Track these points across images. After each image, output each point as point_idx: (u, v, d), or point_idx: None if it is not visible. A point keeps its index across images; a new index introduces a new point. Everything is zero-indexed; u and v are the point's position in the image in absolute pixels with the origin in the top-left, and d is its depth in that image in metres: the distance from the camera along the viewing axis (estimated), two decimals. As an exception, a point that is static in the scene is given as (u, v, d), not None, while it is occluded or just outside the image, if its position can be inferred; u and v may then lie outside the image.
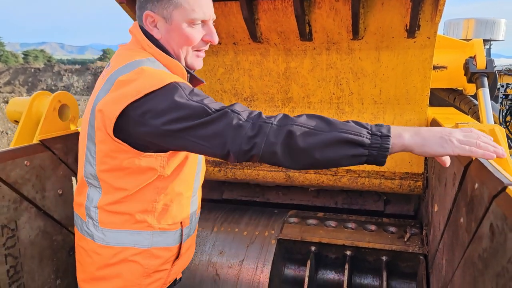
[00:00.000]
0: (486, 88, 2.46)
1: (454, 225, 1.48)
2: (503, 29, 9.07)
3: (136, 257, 1.41)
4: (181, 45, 1.39)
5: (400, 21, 2.04)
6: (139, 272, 1.43)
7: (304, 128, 1.15)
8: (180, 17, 1.35)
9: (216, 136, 1.19)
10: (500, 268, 0.93)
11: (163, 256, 1.47)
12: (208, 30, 1.41)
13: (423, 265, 2.14)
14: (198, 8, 1.35)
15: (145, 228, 1.41)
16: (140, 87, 1.21)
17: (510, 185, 0.97)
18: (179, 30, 1.36)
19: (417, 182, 2.42)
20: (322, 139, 1.13)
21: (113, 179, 1.35)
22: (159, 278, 1.48)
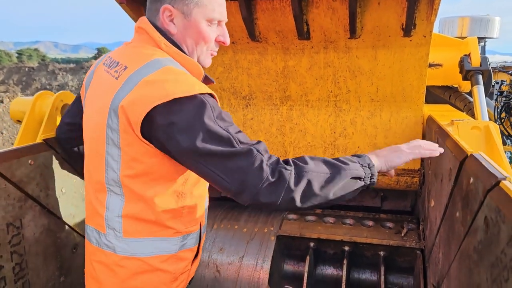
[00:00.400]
0: (481, 85, 2.50)
1: (450, 219, 1.52)
2: (497, 27, 9.14)
3: (163, 264, 1.40)
4: (197, 42, 1.39)
5: (396, 20, 2.07)
6: (167, 278, 1.42)
7: (320, 175, 1.24)
8: (200, 14, 1.35)
9: (237, 172, 1.19)
10: (494, 259, 0.97)
11: (188, 257, 1.49)
12: (222, 31, 1.44)
13: (420, 259, 2.18)
14: (218, 8, 1.37)
15: (172, 234, 1.40)
16: (169, 90, 1.18)
17: (503, 179, 1.01)
18: (197, 27, 1.36)
19: (414, 178, 2.46)
20: (336, 183, 1.25)
21: (137, 185, 1.31)
22: (184, 279, 1.51)
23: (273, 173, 1.19)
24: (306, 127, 2.55)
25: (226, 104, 2.66)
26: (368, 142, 2.48)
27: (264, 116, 2.61)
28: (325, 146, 2.55)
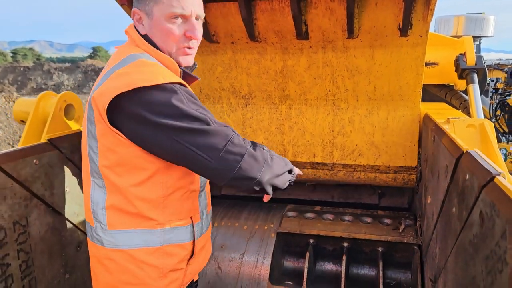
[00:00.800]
0: (476, 83, 2.55)
1: (446, 215, 1.57)
2: (492, 26, 9.22)
3: (149, 258, 1.41)
4: (163, 40, 1.41)
5: (393, 20, 2.11)
6: (155, 274, 1.42)
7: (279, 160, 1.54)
8: (159, 12, 1.37)
9: (217, 148, 1.27)
10: (489, 251, 1.01)
11: (178, 253, 1.47)
12: (190, 26, 1.41)
13: (417, 254, 2.23)
14: (176, 3, 1.36)
15: (155, 226, 1.41)
16: (132, 79, 1.24)
17: (498, 175, 1.05)
18: (160, 25, 1.38)
19: (411, 175, 2.50)
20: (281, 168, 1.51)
21: (115, 176, 1.36)
22: (176, 278, 1.48)
23: (254, 148, 1.29)
24: (305, 125, 2.59)
25: (226, 104, 2.69)
26: (366, 140, 2.52)
27: (263, 115, 2.65)
28: (324, 144, 2.59)
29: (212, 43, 2.45)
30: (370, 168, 2.56)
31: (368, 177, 2.58)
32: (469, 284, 1.20)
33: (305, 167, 2.66)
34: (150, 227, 1.41)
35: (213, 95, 2.67)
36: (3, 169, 1.54)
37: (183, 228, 1.48)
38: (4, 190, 1.55)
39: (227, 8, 2.24)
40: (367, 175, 2.58)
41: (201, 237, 1.58)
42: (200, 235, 1.57)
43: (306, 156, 2.64)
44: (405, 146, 2.47)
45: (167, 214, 1.42)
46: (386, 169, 2.54)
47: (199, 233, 1.56)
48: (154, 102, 1.25)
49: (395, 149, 2.49)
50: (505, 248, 0.90)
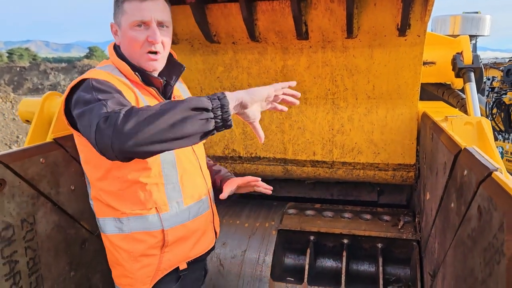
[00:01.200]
0: (473, 82, 2.59)
1: (445, 210, 1.61)
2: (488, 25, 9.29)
3: (121, 243, 1.59)
4: (129, 46, 1.55)
5: (391, 20, 2.15)
6: (127, 257, 1.59)
7: (150, 112, 1.23)
8: (125, 22, 1.53)
9: (91, 125, 1.27)
10: (487, 244, 1.05)
11: (146, 240, 1.58)
12: (151, 32, 1.52)
13: (416, 250, 2.27)
14: (137, 12, 1.50)
15: (120, 215, 1.56)
16: (70, 85, 1.45)
17: (495, 171, 1.09)
18: (126, 33, 1.54)
19: (409, 173, 2.55)
20: (172, 116, 1.22)
21: (88, 172, 1.59)
22: (149, 263, 1.60)
23: (105, 119, 1.25)
24: (305, 124, 2.63)
25: (227, 103, 2.72)
26: (365, 138, 2.56)
27: (263, 114, 2.68)
28: (324, 142, 2.63)
29: (213, 43, 2.48)
30: (369, 166, 2.60)
31: (367, 174, 2.62)
32: (467, 276, 1.24)
33: (305, 165, 2.70)
34: (118, 216, 1.58)
35: (214, 95, 2.70)
36: (11, 167, 1.57)
37: (148, 217, 1.57)
38: (13, 189, 1.58)
39: (228, 8, 2.27)
40: (366, 173, 2.62)
41: (176, 227, 1.63)
42: (174, 225, 1.62)
43: (306, 154, 2.68)
44: (404, 144, 2.51)
45: (128, 204, 1.56)
46: (385, 167, 2.58)
47: (171, 223, 1.61)
48: (75, 99, 1.41)
49: (394, 147, 2.53)
50: (503, 240, 0.94)
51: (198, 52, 2.56)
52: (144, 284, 1.62)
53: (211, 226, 1.82)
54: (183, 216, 1.66)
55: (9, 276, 1.57)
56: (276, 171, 2.76)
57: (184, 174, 1.67)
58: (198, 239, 1.74)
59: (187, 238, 1.68)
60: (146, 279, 1.62)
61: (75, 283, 1.96)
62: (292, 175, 2.76)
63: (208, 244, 1.80)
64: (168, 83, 1.71)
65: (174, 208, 1.63)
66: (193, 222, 1.70)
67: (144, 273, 1.61)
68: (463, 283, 1.29)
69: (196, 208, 1.72)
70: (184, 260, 1.70)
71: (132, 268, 1.60)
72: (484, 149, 1.77)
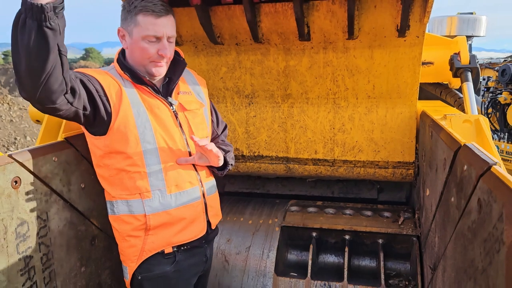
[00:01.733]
0: (470, 82, 2.66)
1: (445, 205, 1.67)
2: (484, 26, 9.40)
3: (114, 223, 1.81)
4: (139, 56, 1.71)
5: (391, 22, 2.21)
6: (118, 236, 1.81)
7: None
8: (138, 33, 1.67)
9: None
10: (487, 234, 1.11)
11: (131, 222, 1.75)
12: (161, 46, 1.70)
13: (416, 245, 2.33)
14: (151, 27, 1.66)
15: (111, 198, 1.78)
16: None
17: (494, 165, 1.15)
18: (137, 43, 1.69)
19: (409, 170, 2.61)
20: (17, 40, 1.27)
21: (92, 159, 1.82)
22: (135, 244, 1.77)
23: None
24: (307, 123, 2.69)
25: (230, 103, 2.78)
26: (366, 137, 2.62)
27: (266, 114, 2.74)
28: (325, 141, 2.69)
29: (217, 45, 2.54)
30: (370, 164, 2.66)
31: (367, 172, 2.68)
32: (468, 267, 1.30)
33: (307, 164, 2.76)
34: (110, 199, 1.80)
35: (217, 95, 2.76)
36: (26, 166, 1.62)
37: (131, 202, 1.75)
38: (27, 186, 1.63)
39: (232, 10, 2.33)
40: (367, 171, 2.68)
41: (159, 213, 1.76)
42: (156, 211, 1.75)
43: (308, 152, 2.74)
44: (403, 142, 2.58)
45: (117, 190, 1.76)
46: (385, 165, 2.64)
47: (153, 209, 1.75)
48: None
49: (394, 145, 2.60)
50: (502, 230, 1.00)
51: (202, 53, 2.61)
52: (132, 261, 1.79)
53: (203, 216, 1.90)
54: (165, 203, 1.77)
55: (24, 271, 1.62)
56: (278, 170, 2.82)
57: (168, 164, 1.78)
58: (185, 227, 1.83)
59: (171, 224, 1.79)
60: (133, 257, 1.79)
61: (86, 279, 2.01)
62: (294, 174, 2.82)
63: (197, 233, 1.88)
64: (171, 79, 1.86)
65: (156, 196, 1.76)
66: (177, 210, 1.80)
67: (131, 252, 1.79)
68: (464, 274, 1.35)
69: (183, 197, 1.81)
70: (168, 245, 1.81)
71: (122, 246, 1.81)
72: (482, 146, 1.82)
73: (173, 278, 1.83)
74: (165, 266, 1.81)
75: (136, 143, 1.69)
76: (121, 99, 1.67)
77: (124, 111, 1.67)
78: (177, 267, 1.83)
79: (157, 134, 1.73)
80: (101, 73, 1.70)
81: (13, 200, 1.56)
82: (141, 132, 1.69)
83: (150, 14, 1.65)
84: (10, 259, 1.56)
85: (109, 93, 1.65)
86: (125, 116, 1.67)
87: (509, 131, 7.72)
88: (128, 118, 1.67)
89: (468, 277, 1.29)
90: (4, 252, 1.53)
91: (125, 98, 1.68)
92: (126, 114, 1.67)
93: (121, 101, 1.67)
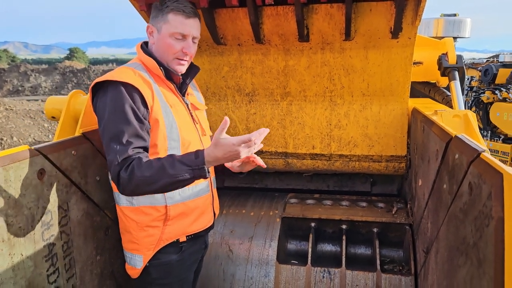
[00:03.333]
0: (457, 80, 2.84)
1: (438, 192, 1.83)
2: (468, 27, 9.71)
3: (131, 214, 1.86)
4: (164, 51, 1.81)
5: (385, 24, 2.37)
6: (135, 226, 1.86)
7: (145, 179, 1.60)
8: (166, 30, 1.78)
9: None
10: (477, 212, 1.26)
11: (151, 214, 1.84)
12: (187, 44, 1.81)
13: (409, 233, 2.50)
14: (180, 26, 1.77)
15: None
16: (97, 80, 1.72)
17: (483, 152, 1.31)
18: (164, 40, 1.79)
19: (401, 164, 2.78)
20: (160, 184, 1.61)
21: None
22: (153, 233, 1.86)
23: (119, 168, 1.62)
24: (305, 120, 2.83)
25: (231, 101, 2.91)
26: (360, 132, 2.78)
27: (266, 111, 2.88)
28: (322, 136, 2.84)
29: (220, 45, 2.67)
30: (364, 158, 2.82)
31: (362, 166, 2.84)
32: (460, 244, 1.45)
33: (305, 158, 2.90)
34: None
35: (219, 93, 2.89)
36: (49, 158, 1.73)
37: (154, 194, 1.82)
38: (51, 178, 1.73)
39: (235, 13, 2.46)
40: (362, 164, 2.84)
41: (178, 204, 1.88)
42: (176, 202, 1.87)
43: (306, 148, 2.88)
44: (396, 137, 2.74)
45: None
46: (379, 158, 2.80)
47: (173, 201, 1.86)
48: (100, 103, 1.71)
49: (387, 140, 2.76)
50: (491, 207, 1.15)
51: (205, 53, 2.74)
52: (148, 250, 1.88)
53: (210, 207, 2.06)
54: (184, 195, 1.89)
55: (48, 257, 1.73)
56: (277, 164, 2.95)
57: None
58: (197, 217, 1.97)
59: (187, 214, 1.92)
60: (150, 246, 1.88)
61: (101, 267, 2.12)
62: (293, 168, 2.96)
63: (206, 223, 2.03)
64: (184, 81, 1.97)
65: (179, 190, 1.86)
66: (193, 202, 1.94)
67: (149, 241, 1.87)
68: (456, 251, 1.50)
69: (197, 189, 1.95)
70: (183, 234, 1.94)
71: (138, 236, 1.87)
72: (471, 137, 1.99)
73: (176, 266, 1.95)
74: (172, 255, 1.93)
75: (164, 140, 1.78)
76: (153, 101, 1.75)
77: (156, 112, 1.75)
78: (182, 256, 1.96)
79: (181, 132, 1.83)
80: (134, 77, 1.73)
81: (39, 191, 1.67)
82: (169, 130, 1.78)
83: (180, 13, 1.76)
84: (37, 246, 1.66)
85: (148, 100, 1.73)
86: (156, 116, 1.75)
87: (491, 129, 7.98)
88: (158, 118, 1.75)
89: (460, 253, 1.44)
90: (31, 239, 1.63)
91: (156, 99, 1.76)
92: (157, 115, 1.75)
93: (153, 103, 1.74)
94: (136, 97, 1.69)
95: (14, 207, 1.54)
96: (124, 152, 1.63)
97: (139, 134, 1.68)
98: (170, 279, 1.96)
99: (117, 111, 1.65)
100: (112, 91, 1.68)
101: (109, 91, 1.69)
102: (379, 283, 2.37)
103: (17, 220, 1.55)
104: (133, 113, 1.67)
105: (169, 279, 1.95)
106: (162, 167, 1.60)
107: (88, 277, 2.01)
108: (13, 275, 1.53)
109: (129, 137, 1.65)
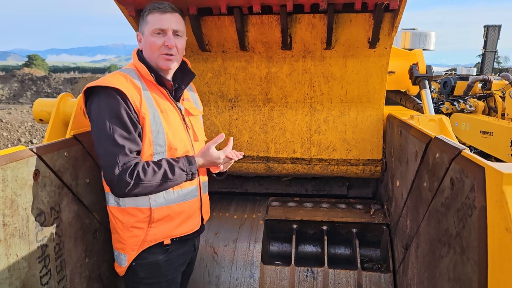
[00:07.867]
0: (427, 89, 3.04)
1: (417, 190, 1.96)
2: (433, 40, 10.25)
3: (118, 214, 1.90)
4: (149, 50, 1.87)
5: (364, 34, 2.52)
6: (121, 226, 1.91)
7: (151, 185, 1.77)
8: (147, 30, 1.86)
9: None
10: (460, 204, 1.38)
11: (137, 215, 1.88)
12: (167, 38, 1.86)
13: (386, 233, 2.63)
14: (157, 22, 1.84)
15: None
16: (89, 85, 1.77)
17: (463, 149, 1.44)
18: (147, 39, 1.86)
19: (377, 167, 2.92)
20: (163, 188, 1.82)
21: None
22: (138, 234, 1.90)
23: (117, 173, 1.72)
24: (286, 125, 2.93)
25: (214, 106, 2.97)
26: (339, 137, 2.91)
27: (248, 116, 2.96)
28: (302, 141, 2.95)
29: (204, 52, 2.73)
30: (343, 162, 2.95)
31: (340, 169, 2.97)
32: (442, 236, 1.57)
33: (286, 162, 3.00)
34: None
35: (202, 99, 2.94)
36: (43, 159, 1.73)
37: (140, 196, 1.88)
38: (45, 179, 1.73)
39: (221, 21, 2.54)
40: (340, 168, 2.96)
41: (162, 207, 1.91)
42: (160, 205, 1.90)
43: (286, 152, 2.98)
44: (372, 141, 2.89)
45: None
46: (356, 162, 2.94)
47: (157, 204, 1.90)
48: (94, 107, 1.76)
49: (364, 145, 2.90)
50: (474, 198, 1.27)
51: (189, 60, 2.78)
52: (133, 250, 1.92)
53: (198, 212, 2.09)
54: (168, 198, 1.93)
55: (41, 258, 1.72)
56: (259, 168, 3.03)
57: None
58: (183, 221, 2.00)
59: (172, 218, 1.96)
60: (134, 246, 1.92)
61: (89, 270, 2.11)
62: (274, 172, 3.04)
63: (193, 227, 2.06)
64: (179, 86, 2.02)
65: (161, 192, 1.92)
66: (178, 205, 1.97)
67: (133, 242, 1.91)
68: (438, 243, 1.62)
69: (183, 193, 1.98)
70: (168, 237, 1.97)
71: (124, 236, 1.91)
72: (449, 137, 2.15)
73: (163, 266, 1.98)
74: (158, 255, 1.96)
75: (149, 145, 1.82)
76: (141, 106, 1.78)
77: (142, 118, 1.79)
78: (169, 257, 1.99)
79: (168, 137, 1.86)
80: (125, 82, 1.78)
81: (34, 191, 1.67)
82: (155, 135, 1.82)
83: (156, 11, 1.84)
84: (31, 247, 1.65)
85: (136, 105, 1.77)
86: (143, 122, 1.79)
87: (451, 138, 8.39)
88: (145, 124, 1.79)
89: (443, 244, 1.56)
90: (26, 239, 1.62)
91: (143, 104, 1.79)
92: (144, 121, 1.79)
93: (140, 108, 1.78)
94: (128, 102, 1.74)
95: (11, 207, 1.53)
96: (124, 156, 1.70)
97: (133, 138, 1.75)
98: (157, 278, 1.98)
99: (112, 115, 1.71)
100: (105, 96, 1.73)
101: (101, 96, 1.74)
102: (360, 280, 2.48)
103: (13, 220, 1.54)
104: (127, 117, 1.73)
105: (156, 278, 1.98)
106: (165, 173, 1.77)
107: (77, 279, 2.01)
108: (8, 276, 1.52)
109: (125, 141, 1.71)
